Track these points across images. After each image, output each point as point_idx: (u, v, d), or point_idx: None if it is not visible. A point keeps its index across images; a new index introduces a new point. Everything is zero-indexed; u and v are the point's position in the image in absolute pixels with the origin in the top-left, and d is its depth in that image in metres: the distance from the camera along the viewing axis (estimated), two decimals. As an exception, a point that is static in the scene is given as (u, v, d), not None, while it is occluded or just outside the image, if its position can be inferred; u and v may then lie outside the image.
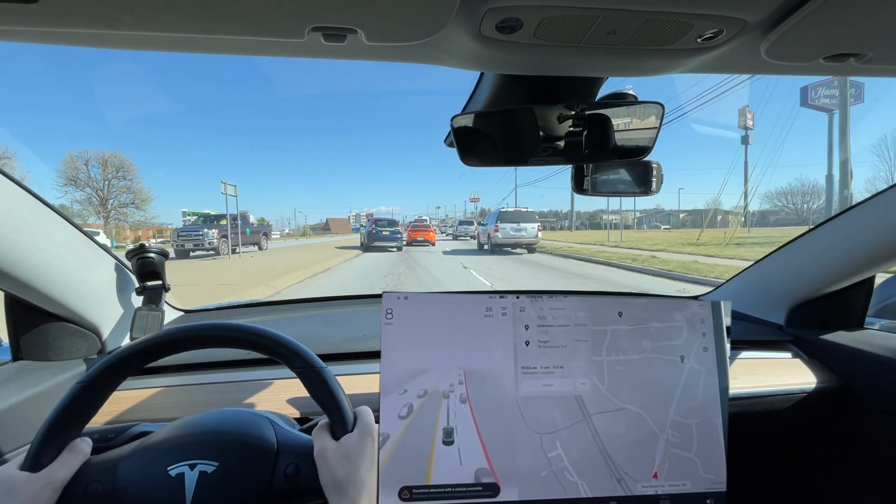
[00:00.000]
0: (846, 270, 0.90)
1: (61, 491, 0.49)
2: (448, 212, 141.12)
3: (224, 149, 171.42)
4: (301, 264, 11.31)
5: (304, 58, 0.51)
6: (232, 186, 15.40)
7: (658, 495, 0.54)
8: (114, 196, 32.39)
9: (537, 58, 0.53)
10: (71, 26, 0.41)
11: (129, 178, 33.20)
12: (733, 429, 0.58)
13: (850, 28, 0.44)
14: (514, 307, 0.55)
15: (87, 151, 32.73)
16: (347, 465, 0.49)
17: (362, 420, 0.54)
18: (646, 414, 0.55)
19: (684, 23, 0.44)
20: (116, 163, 32.30)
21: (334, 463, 0.49)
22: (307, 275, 9.54)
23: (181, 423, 0.57)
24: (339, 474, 0.49)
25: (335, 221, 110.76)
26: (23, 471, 0.48)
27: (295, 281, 8.67)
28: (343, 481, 0.48)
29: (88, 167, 31.64)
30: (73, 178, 31.10)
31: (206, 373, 0.86)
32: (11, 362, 0.79)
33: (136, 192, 33.33)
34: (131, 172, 33.06)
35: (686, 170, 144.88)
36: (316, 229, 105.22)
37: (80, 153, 31.97)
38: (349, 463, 0.49)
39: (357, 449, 0.51)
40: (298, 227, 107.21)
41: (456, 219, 69.23)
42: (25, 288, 0.71)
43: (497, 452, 0.52)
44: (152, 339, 0.53)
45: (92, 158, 31.63)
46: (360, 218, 78.64)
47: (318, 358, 0.55)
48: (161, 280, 0.93)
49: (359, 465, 0.50)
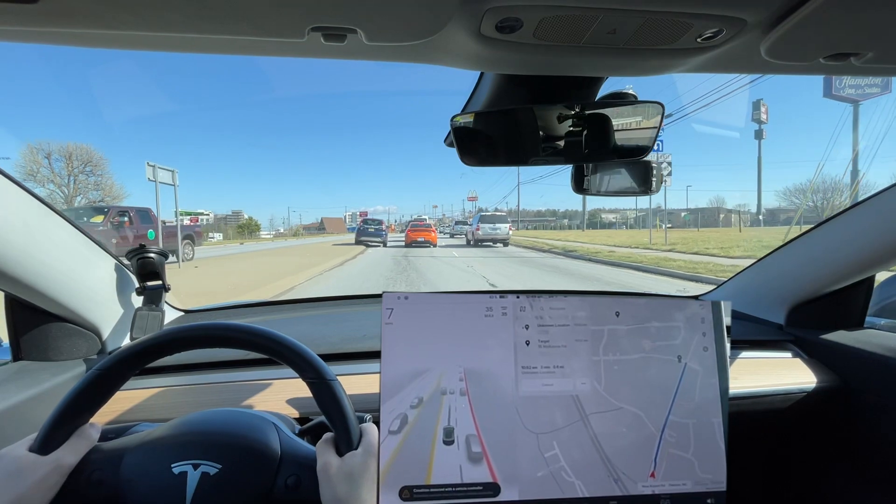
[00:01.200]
0: (846, 270, 0.90)
1: (67, 476, 0.49)
2: (445, 211, 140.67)
3: (216, 147, 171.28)
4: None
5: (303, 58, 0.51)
6: (167, 171, 10.71)
7: (658, 495, 0.54)
8: (81, 193, 28.47)
9: (537, 57, 0.53)
10: (70, 26, 0.41)
11: (99, 174, 29.43)
12: (733, 428, 0.58)
13: (850, 27, 0.44)
14: (514, 307, 0.55)
15: (49, 143, 28.35)
16: (349, 484, 0.49)
17: (367, 438, 0.54)
18: (643, 414, 0.55)
19: (684, 22, 0.44)
20: (83, 156, 28.33)
21: (336, 481, 0.49)
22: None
23: (187, 420, 0.57)
24: (340, 493, 0.48)
25: (330, 221, 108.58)
26: (31, 452, 0.48)
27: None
28: (344, 500, 0.48)
29: (51, 161, 27.54)
30: (33, 174, 26.72)
31: (205, 373, 0.86)
32: (12, 362, 0.79)
33: (106, 189, 29.58)
34: (100, 167, 29.43)
35: (693, 166, 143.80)
36: (310, 229, 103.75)
37: (40, 144, 28.02)
38: (351, 482, 0.49)
39: (360, 469, 0.50)
40: (293, 226, 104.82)
41: (453, 218, 69.66)
42: (26, 288, 0.71)
43: (497, 452, 0.52)
44: (176, 331, 0.54)
45: (55, 151, 27.52)
46: (355, 217, 77.85)
47: (328, 368, 0.55)
48: (161, 280, 0.93)
49: (360, 485, 0.49)
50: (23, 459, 0.47)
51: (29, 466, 0.47)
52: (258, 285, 7.91)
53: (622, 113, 0.71)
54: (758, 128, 26.64)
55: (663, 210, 25.52)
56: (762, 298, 1.12)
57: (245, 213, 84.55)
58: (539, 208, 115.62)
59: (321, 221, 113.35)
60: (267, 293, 7.06)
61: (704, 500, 0.56)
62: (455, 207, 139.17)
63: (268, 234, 73.29)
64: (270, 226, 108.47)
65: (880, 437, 0.86)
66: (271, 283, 8.05)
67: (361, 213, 44.33)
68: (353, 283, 8.15)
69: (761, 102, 27.61)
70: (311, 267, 10.71)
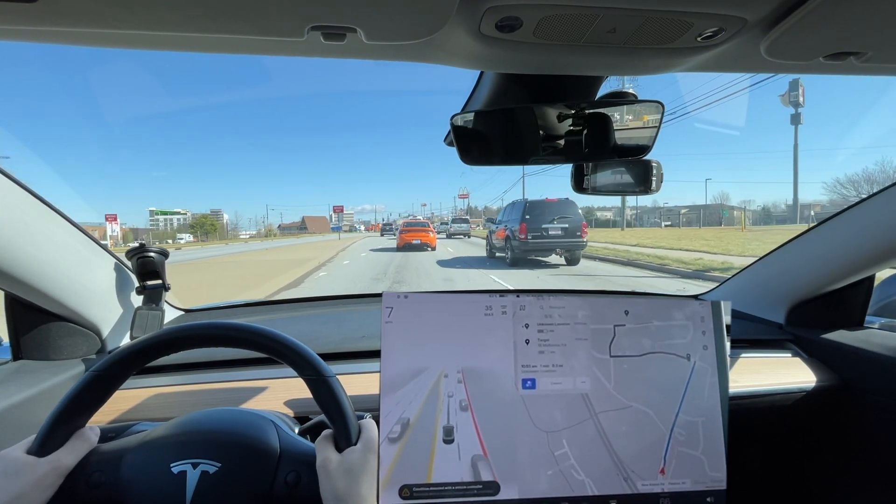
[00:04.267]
0: (846, 269, 0.90)
1: (65, 478, 0.49)
2: (434, 209, 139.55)
3: (196, 144, 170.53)
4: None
5: (302, 57, 0.51)
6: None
7: (659, 493, 0.55)
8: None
9: (537, 57, 0.53)
10: (70, 25, 0.41)
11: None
12: (733, 427, 0.59)
13: (850, 26, 0.44)
14: (514, 305, 0.56)
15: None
16: (349, 479, 0.49)
17: (366, 434, 0.54)
18: (652, 412, 0.56)
19: (684, 21, 0.44)
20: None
21: (336, 476, 0.49)
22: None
23: (186, 419, 0.57)
24: (340, 488, 0.48)
25: (313, 220, 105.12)
26: (29, 455, 0.48)
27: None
28: (344, 496, 0.48)
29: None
30: None
31: (204, 372, 0.86)
32: (12, 361, 0.79)
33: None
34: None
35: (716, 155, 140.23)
36: (290, 229, 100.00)
37: None
38: (351, 477, 0.49)
39: (360, 463, 0.50)
40: (266, 226, 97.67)
41: (443, 217, 68.82)
42: (26, 287, 0.71)
43: (497, 451, 0.52)
44: (172, 332, 0.54)
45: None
46: (341, 217, 76.22)
47: (326, 366, 0.55)
48: (161, 279, 0.93)
49: (360, 480, 0.49)
50: (19, 461, 0.47)
51: (25, 467, 0.47)
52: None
53: (622, 112, 0.71)
54: (794, 112, 21.96)
55: (661, 207, 24.45)
56: (762, 298, 1.12)
57: (224, 213, 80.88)
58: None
59: (302, 220, 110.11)
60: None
61: (704, 498, 0.56)
62: (444, 205, 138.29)
63: (245, 234, 70.18)
64: (250, 224, 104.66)
65: (879, 437, 0.86)
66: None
67: (336, 208, 44.17)
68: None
69: (799, 82, 23.26)
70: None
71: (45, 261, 0.71)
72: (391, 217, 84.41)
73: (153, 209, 25.57)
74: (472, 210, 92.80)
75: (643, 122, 0.72)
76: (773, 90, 45.36)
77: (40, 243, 0.70)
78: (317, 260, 13.65)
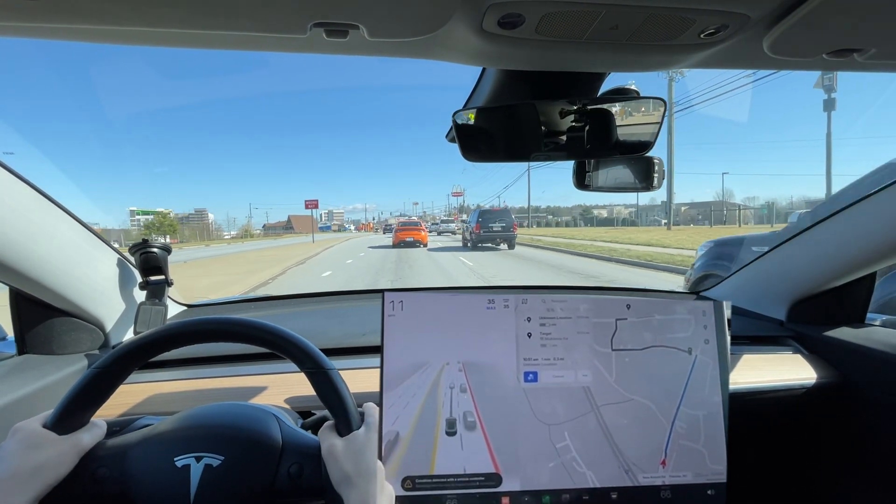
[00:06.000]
0: (847, 266, 0.90)
1: (80, 458, 0.50)
2: (426, 208, 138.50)
3: (182, 143, 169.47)
4: None
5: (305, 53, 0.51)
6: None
7: (660, 486, 0.55)
8: None
9: (539, 53, 0.53)
10: (71, 22, 0.41)
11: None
12: (734, 422, 0.59)
13: (853, 23, 0.44)
14: (516, 300, 0.56)
15: None
16: (356, 458, 0.50)
17: (369, 417, 0.55)
18: (654, 405, 0.56)
19: (687, 18, 0.44)
20: None
21: (343, 459, 0.50)
22: None
23: (190, 414, 0.57)
24: (348, 468, 0.49)
25: (299, 219, 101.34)
26: (48, 430, 0.49)
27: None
28: (353, 474, 0.49)
29: None
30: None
31: (206, 367, 0.87)
32: (17, 356, 0.80)
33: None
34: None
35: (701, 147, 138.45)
36: (276, 228, 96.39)
37: None
38: (357, 457, 0.50)
39: (364, 443, 0.51)
40: (244, 225, 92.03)
41: (434, 216, 69.72)
42: (31, 283, 0.71)
43: (500, 443, 0.53)
44: (174, 327, 0.54)
45: None
46: (332, 216, 74.50)
47: (326, 358, 0.56)
48: (164, 275, 0.94)
49: (368, 459, 0.50)
50: (39, 434, 0.48)
51: (46, 442, 0.48)
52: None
53: (624, 109, 0.71)
54: (827, 97, 19.04)
55: (660, 205, 23.79)
56: (763, 294, 1.12)
57: (209, 213, 77.30)
58: (522, 205, 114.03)
59: (288, 220, 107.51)
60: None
61: (705, 490, 0.56)
62: (437, 204, 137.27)
63: (228, 234, 66.74)
64: (235, 225, 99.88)
65: (879, 434, 0.87)
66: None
67: (308, 203, 43.13)
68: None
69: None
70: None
71: (49, 257, 0.71)
72: (382, 216, 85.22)
73: (134, 209, 24.82)
74: (466, 209, 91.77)
75: (645, 118, 0.72)
76: (773, 87, 43.98)
77: (45, 239, 0.70)
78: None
